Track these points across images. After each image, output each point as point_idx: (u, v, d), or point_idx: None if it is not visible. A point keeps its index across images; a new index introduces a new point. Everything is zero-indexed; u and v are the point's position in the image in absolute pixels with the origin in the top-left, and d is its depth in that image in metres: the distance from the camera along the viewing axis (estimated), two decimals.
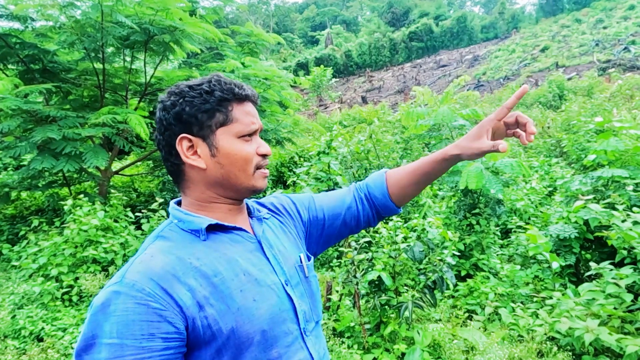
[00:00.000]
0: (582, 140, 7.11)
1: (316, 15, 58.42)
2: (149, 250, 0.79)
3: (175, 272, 0.75)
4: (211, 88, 0.84)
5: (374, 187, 1.12)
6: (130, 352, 0.67)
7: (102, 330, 0.68)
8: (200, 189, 0.88)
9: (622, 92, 11.75)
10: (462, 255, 4.27)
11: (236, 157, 0.85)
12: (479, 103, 14.90)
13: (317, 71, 25.68)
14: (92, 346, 0.69)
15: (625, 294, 2.70)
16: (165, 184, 7.41)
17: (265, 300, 0.83)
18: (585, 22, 31.47)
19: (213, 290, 0.77)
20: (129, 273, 0.74)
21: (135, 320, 0.69)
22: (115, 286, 0.72)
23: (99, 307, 0.70)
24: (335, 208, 1.11)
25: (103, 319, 0.69)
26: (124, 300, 0.70)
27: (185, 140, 0.84)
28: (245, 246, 0.88)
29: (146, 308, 0.70)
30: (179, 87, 0.86)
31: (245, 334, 0.78)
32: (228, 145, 0.84)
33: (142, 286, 0.71)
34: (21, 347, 3.26)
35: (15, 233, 5.94)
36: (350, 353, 2.80)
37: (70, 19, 4.90)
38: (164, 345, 0.70)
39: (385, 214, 1.13)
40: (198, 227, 0.83)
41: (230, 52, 6.95)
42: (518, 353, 2.68)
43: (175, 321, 0.72)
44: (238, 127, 0.85)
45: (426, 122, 4.61)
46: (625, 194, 3.67)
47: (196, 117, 0.83)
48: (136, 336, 0.68)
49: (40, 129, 4.77)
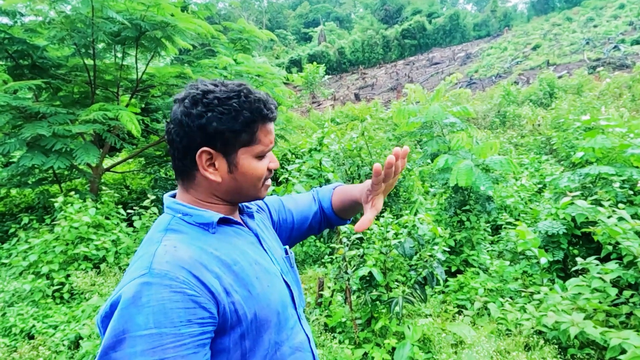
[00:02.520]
0: (571, 137, 7.20)
1: (309, 12, 58.22)
2: (165, 242, 0.79)
3: (202, 261, 0.78)
4: (241, 106, 0.83)
5: (322, 200, 1.22)
6: (169, 340, 0.68)
7: (135, 323, 0.68)
8: (206, 193, 0.90)
9: (611, 90, 11.91)
10: (453, 251, 4.32)
11: (252, 176, 0.88)
12: (470, 101, 15.01)
13: (310, 68, 25.61)
14: (122, 342, 0.67)
15: (610, 289, 2.76)
16: (157, 181, 7.38)
17: (275, 287, 0.90)
18: (576, 21, 31.74)
19: (235, 278, 0.81)
20: (156, 264, 0.74)
21: (172, 308, 0.69)
22: (143, 278, 0.72)
23: (129, 301, 0.69)
24: (304, 212, 1.20)
25: (135, 311, 0.69)
26: (158, 290, 0.70)
27: (205, 154, 0.84)
28: (247, 239, 0.93)
29: (182, 295, 0.71)
30: (207, 96, 0.83)
31: (265, 318, 0.83)
32: (247, 164, 0.87)
33: (176, 275, 0.72)
34: (12, 345, 3.24)
35: (4, 231, 5.87)
36: (341, 348, 2.83)
37: (60, 14, 4.85)
38: (201, 330, 0.72)
39: (334, 224, 1.24)
40: (208, 220, 0.86)
41: (222, 48, 6.93)
42: (505, 346, 2.73)
43: (209, 307, 0.74)
44: (259, 148, 0.87)
45: (418, 120, 4.65)
46: (611, 191, 3.73)
47: (223, 135, 0.83)
48: (175, 323, 0.69)
49: (30, 126, 4.72)
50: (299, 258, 5.06)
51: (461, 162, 4.12)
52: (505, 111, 12.52)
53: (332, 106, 20.15)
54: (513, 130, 11.40)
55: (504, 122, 12.30)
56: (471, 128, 4.82)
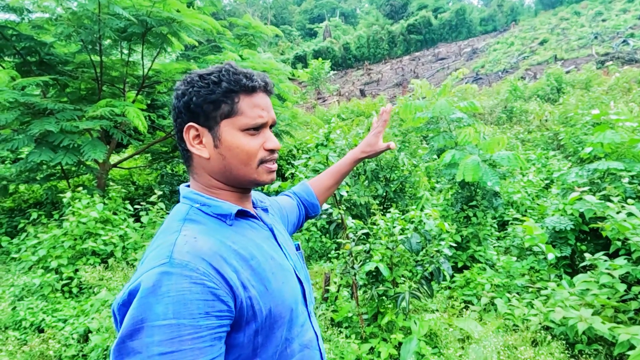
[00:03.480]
0: (579, 133, 7.13)
1: (314, 8, 57.97)
2: (185, 232, 0.79)
3: (221, 254, 0.77)
4: (219, 78, 0.84)
5: (304, 195, 1.35)
6: (188, 332, 0.67)
7: (154, 312, 0.67)
8: (206, 176, 0.89)
9: (620, 85, 11.76)
10: (459, 247, 4.31)
11: (238, 151, 0.85)
12: (477, 96, 14.90)
13: (315, 64, 25.52)
14: (140, 330, 0.67)
15: (618, 284, 2.74)
16: (164, 176, 7.41)
17: (289, 283, 0.89)
18: (584, 15, 31.35)
19: (252, 273, 0.80)
20: (177, 254, 0.73)
21: (192, 299, 0.69)
22: (163, 267, 0.71)
23: (149, 290, 0.68)
24: (292, 209, 1.29)
25: (154, 301, 0.67)
26: (178, 281, 0.69)
27: (192, 129, 0.86)
28: (262, 233, 0.92)
29: (202, 287, 0.70)
30: (191, 75, 0.87)
31: (278, 314, 0.83)
32: (230, 138, 0.85)
33: (196, 266, 0.72)
34: (22, 338, 3.29)
35: (14, 226, 5.95)
36: (347, 343, 2.84)
37: (67, 10, 4.86)
38: (218, 323, 0.71)
39: (311, 213, 1.38)
40: (227, 212, 0.86)
41: (228, 44, 6.93)
42: (513, 342, 2.73)
43: (227, 300, 0.73)
44: (243, 120, 0.85)
45: (424, 115, 4.63)
46: (620, 186, 3.70)
47: (202, 108, 0.84)
48: (194, 315, 0.68)
49: (38, 122, 4.76)
50: (305, 253, 5.07)
51: (468, 158, 4.10)
52: (512, 106, 12.42)
53: (337, 102, 20.11)
54: (520, 125, 11.32)
55: (511, 117, 12.21)
56: (478, 123, 4.79)
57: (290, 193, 1.36)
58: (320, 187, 1.37)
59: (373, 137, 1.35)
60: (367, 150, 1.35)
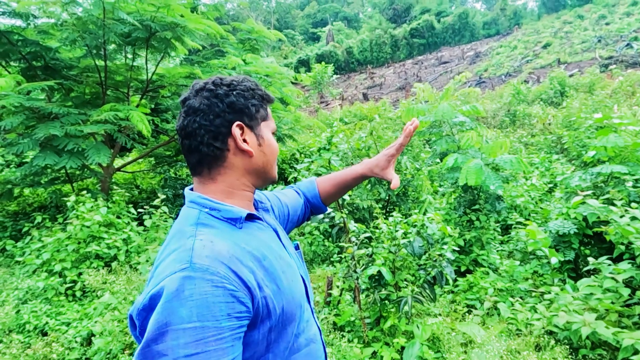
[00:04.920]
0: (582, 136, 7.11)
1: (317, 12, 58.20)
2: (201, 236, 0.81)
3: (238, 256, 0.80)
4: (253, 86, 0.95)
5: (307, 193, 1.35)
6: (211, 333, 0.70)
7: (178, 316, 0.69)
8: (236, 175, 0.93)
9: (624, 88, 11.72)
10: (462, 251, 4.30)
11: (273, 149, 0.98)
12: (480, 99, 14.88)
13: (318, 68, 25.61)
14: (165, 334, 0.69)
15: (622, 289, 2.73)
16: (167, 180, 7.45)
17: (296, 281, 0.95)
18: (587, 19, 31.30)
19: (265, 273, 0.84)
20: (197, 258, 0.75)
21: (215, 302, 0.72)
22: (185, 272, 0.73)
23: (173, 294, 0.71)
24: (295, 205, 1.30)
25: (178, 304, 0.70)
26: (200, 285, 0.72)
27: (239, 127, 0.91)
28: (268, 234, 0.97)
29: (223, 290, 0.73)
30: (220, 79, 0.93)
31: (290, 311, 0.88)
32: (268, 137, 0.96)
33: (217, 270, 0.74)
34: (26, 341, 3.30)
35: (18, 229, 5.98)
36: (350, 347, 2.83)
37: (72, 16, 4.92)
38: (239, 323, 0.75)
39: (316, 213, 1.39)
40: (237, 215, 0.89)
41: (231, 48, 6.97)
42: (516, 346, 2.71)
43: (245, 301, 0.76)
44: (271, 125, 0.99)
45: (427, 119, 4.63)
46: (624, 190, 3.68)
47: (248, 108, 0.92)
48: (217, 317, 0.71)
49: (43, 126, 4.80)
50: (307, 257, 5.07)
51: (471, 161, 4.10)
52: (516, 110, 12.40)
53: (340, 106, 20.13)
54: (523, 129, 11.29)
55: (514, 121, 12.18)
56: (481, 127, 4.79)
57: (298, 190, 1.35)
58: (324, 191, 1.36)
59: (385, 161, 1.26)
60: (376, 172, 1.29)
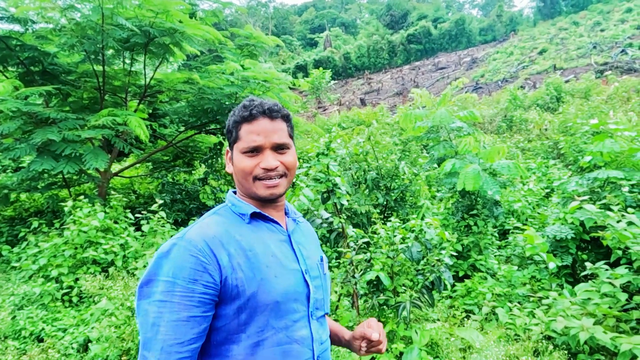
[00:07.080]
0: (579, 142, 7.14)
1: (315, 18, 58.50)
2: (206, 220, 1.04)
3: (221, 239, 0.98)
4: (234, 113, 1.09)
5: None
6: (179, 290, 0.90)
7: (162, 269, 0.92)
8: (236, 186, 1.13)
9: (619, 94, 11.82)
10: (460, 256, 4.30)
11: (238, 169, 1.07)
12: (477, 105, 14.96)
13: (315, 73, 25.66)
14: (152, 281, 0.92)
15: (620, 294, 2.73)
16: (165, 185, 7.42)
17: (284, 280, 1.03)
18: (582, 25, 31.59)
19: (246, 260, 0.99)
20: (189, 233, 0.97)
21: (186, 266, 0.92)
22: (176, 240, 0.96)
23: (163, 253, 0.95)
24: None
25: (165, 262, 0.93)
26: (181, 250, 0.94)
27: (228, 150, 1.14)
28: (278, 236, 1.10)
29: (195, 259, 0.93)
30: None
31: (262, 301, 0.98)
32: (236, 158, 1.08)
33: (196, 243, 0.95)
34: (21, 348, 3.27)
35: (14, 235, 5.94)
36: (348, 352, 2.82)
37: (71, 21, 4.93)
38: (204, 290, 0.92)
39: None
40: (244, 212, 1.07)
41: (229, 54, 6.99)
42: (514, 351, 2.71)
43: (214, 274, 0.94)
44: (241, 145, 1.06)
45: (424, 124, 4.65)
46: (620, 195, 3.70)
47: (230, 132, 1.11)
48: (185, 278, 0.91)
49: (40, 131, 4.79)
50: None
51: (468, 167, 4.11)
52: (512, 115, 12.47)
53: (338, 111, 20.18)
54: (520, 134, 11.35)
55: (511, 126, 12.25)
56: (478, 132, 4.81)
57: None
58: None
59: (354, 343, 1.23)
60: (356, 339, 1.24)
